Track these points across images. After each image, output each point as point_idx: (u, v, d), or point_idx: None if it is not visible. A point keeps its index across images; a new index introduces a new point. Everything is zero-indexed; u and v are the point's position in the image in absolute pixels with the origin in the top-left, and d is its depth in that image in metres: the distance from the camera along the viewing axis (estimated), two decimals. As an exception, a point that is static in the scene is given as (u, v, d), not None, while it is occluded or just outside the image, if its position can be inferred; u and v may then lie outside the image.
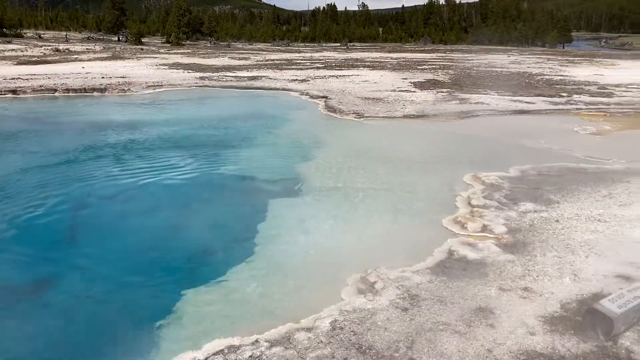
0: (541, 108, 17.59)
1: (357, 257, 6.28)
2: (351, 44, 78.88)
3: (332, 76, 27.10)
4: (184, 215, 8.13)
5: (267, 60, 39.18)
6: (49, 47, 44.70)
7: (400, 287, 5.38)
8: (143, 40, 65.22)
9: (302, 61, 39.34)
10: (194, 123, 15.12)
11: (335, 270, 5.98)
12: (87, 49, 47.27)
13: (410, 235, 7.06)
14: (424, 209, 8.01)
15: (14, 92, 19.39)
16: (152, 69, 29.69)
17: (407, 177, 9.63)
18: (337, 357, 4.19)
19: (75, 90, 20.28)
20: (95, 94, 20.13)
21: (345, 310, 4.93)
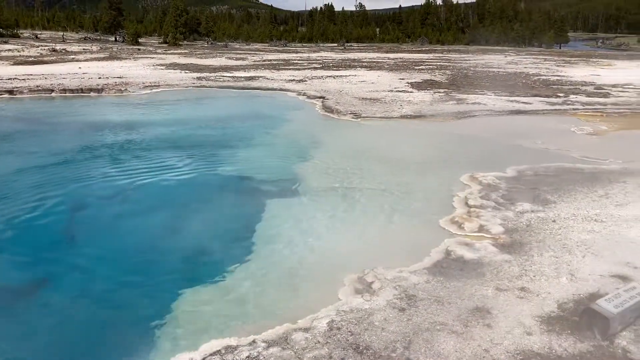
0: (538, 108, 17.63)
1: (354, 257, 6.28)
2: (348, 44, 78.92)
3: (330, 76, 27.11)
4: (182, 215, 8.12)
5: (264, 61, 39.16)
6: (46, 48, 44.57)
7: (397, 287, 5.38)
8: (140, 40, 65.16)
9: (299, 61, 39.34)
10: (191, 123, 15.11)
11: (332, 270, 5.98)
12: (84, 49, 47.16)
13: (408, 236, 7.07)
14: (421, 209, 8.02)
15: (10, 92, 19.32)
16: (149, 69, 29.64)
17: (404, 178, 9.64)
18: (335, 358, 4.19)
19: (72, 91, 20.22)
20: (92, 94, 20.07)
21: (343, 311, 4.94)
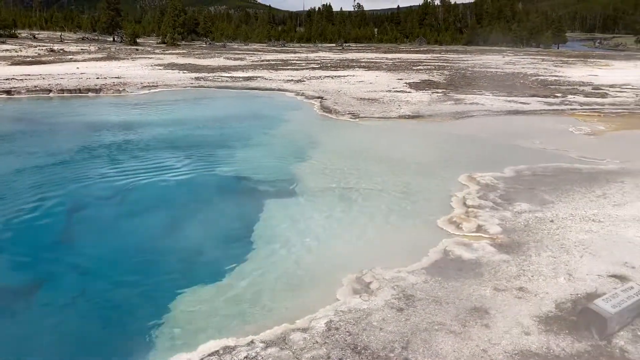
0: (536, 108, 17.65)
1: (352, 258, 6.28)
2: (346, 44, 78.96)
3: (328, 77, 27.11)
4: (179, 215, 8.11)
5: (262, 61, 39.15)
6: (44, 48, 44.51)
7: (395, 287, 5.38)
8: (138, 40, 65.12)
9: (297, 62, 39.34)
10: (189, 123, 15.09)
11: (330, 270, 5.98)
12: (81, 49, 47.10)
13: (406, 236, 7.07)
14: (419, 210, 8.02)
15: (8, 92, 19.29)
16: (147, 69, 29.61)
17: (402, 178, 9.64)
18: (333, 358, 4.19)
19: (70, 91, 20.19)
20: (90, 94, 20.05)
21: (341, 311, 4.93)
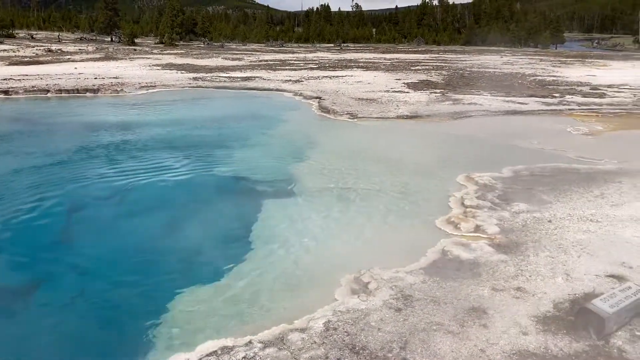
0: (534, 109, 17.67)
1: (350, 258, 6.27)
2: (345, 44, 78.92)
3: (326, 77, 27.11)
4: (178, 216, 8.10)
5: (260, 61, 39.13)
6: (41, 48, 44.43)
7: (393, 287, 5.38)
8: (136, 40, 64.99)
9: (295, 62, 39.33)
10: (188, 124, 15.07)
11: (328, 270, 5.98)
12: (79, 49, 47.03)
13: (404, 236, 7.07)
14: (418, 210, 8.02)
15: (6, 92, 19.25)
16: (145, 69, 29.57)
17: (400, 178, 9.64)
18: (331, 358, 4.18)
19: (68, 91, 20.16)
20: (88, 94, 20.01)
21: (339, 311, 4.93)
